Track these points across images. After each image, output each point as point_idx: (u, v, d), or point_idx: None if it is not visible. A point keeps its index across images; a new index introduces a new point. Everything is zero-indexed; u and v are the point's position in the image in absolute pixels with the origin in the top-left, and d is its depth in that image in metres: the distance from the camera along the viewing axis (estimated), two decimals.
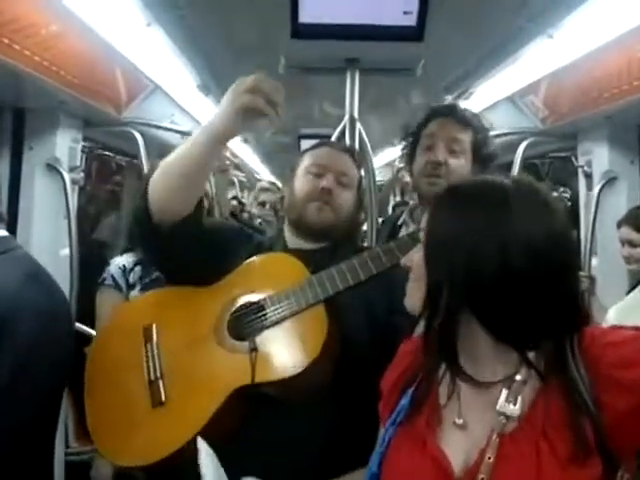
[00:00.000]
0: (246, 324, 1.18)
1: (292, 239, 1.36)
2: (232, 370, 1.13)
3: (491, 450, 0.75)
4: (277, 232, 1.43)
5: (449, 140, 1.55)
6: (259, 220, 3.58)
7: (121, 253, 1.93)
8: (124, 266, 1.84)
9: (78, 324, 1.90)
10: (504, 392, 0.78)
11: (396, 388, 0.92)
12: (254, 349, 1.13)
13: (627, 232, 2.09)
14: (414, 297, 0.84)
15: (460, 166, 1.54)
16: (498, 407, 0.77)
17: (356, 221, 1.42)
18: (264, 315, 1.17)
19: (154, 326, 1.24)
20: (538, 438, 0.73)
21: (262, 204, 3.90)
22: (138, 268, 1.85)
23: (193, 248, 1.22)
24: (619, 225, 2.14)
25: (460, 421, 0.80)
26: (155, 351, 1.21)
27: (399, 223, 1.82)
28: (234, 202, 4.75)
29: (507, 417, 0.76)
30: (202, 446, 0.93)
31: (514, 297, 0.75)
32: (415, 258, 0.85)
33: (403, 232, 1.74)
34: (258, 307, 1.19)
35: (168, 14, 1.63)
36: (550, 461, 0.72)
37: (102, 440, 1.18)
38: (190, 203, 1.21)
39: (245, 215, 4.64)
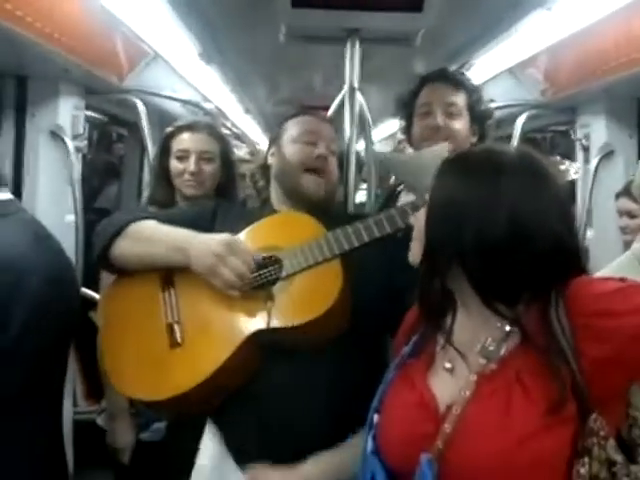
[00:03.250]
0: (264, 275, 1.22)
1: (281, 206, 1.38)
2: (248, 316, 1.17)
3: (467, 387, 0.82)
4: (262, 202, 1.44)
5: (444, 104, 1.57)
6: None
7: None
8: None
9: (83, 289, 1.95)
10: (489, 338, 0.84)
11: (406, 335, 0.99)
12: (270, 298, 1.17)
13: (626, 203, 2.11)
14: (415, 250, 0.91)
15: (459, 128, 1.56)
16: (478, 349, 0.84)
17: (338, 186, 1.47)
18: (280, 267, 1.21)
19: (172, 274, 1.26)
20: (512, 381, 0.79)
21: (242, 176, 3.78)
22: None
23: None
24: (617, 196, 2.16)
25: (449, 365, 0.87)
26: (173, 297, 1.24)
27: (398, 189, 1.84)
28: None
29: (487, 359, 0.83)
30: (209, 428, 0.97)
31: (507, 261, 0.80)
32: (419, 217, 0.91)
33: (402, 198, 1.76)
34: (275, 259, 1.23)
35: None
36: (521, 403, 0.77)
37: (117, 377, 1.22)
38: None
39: None
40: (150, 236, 1.26)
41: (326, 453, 1.13)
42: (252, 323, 1.16)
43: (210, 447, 1.07)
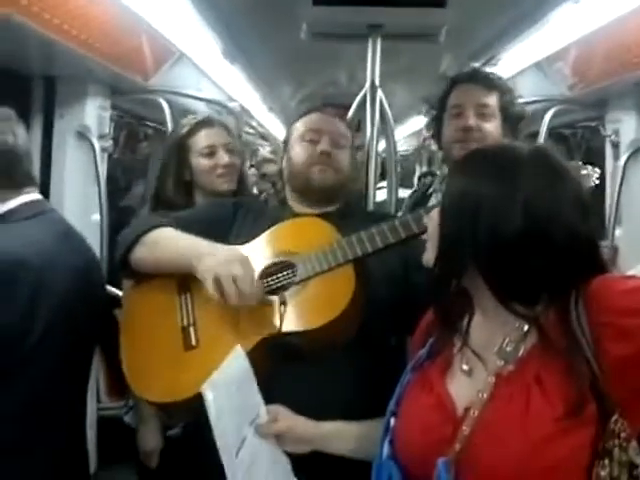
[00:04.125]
0: (277, 280, 1.24)
1: (298, 206, 1.41)
2: (262, 320, 1.18)
3: (485, 389, 0.81)
4: (280, 202, 1.47)
5: (477, 105, 1.55)
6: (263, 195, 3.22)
7: None
8: None
9: (108, 286, 1.98)
10: (506, 338, 0.83)
11: (423, 338, 0.98)
12: (283, 302, 1.18)
13: None
14: (429, 252, 0.90)
15: (491, 130, 1.55)
16: (495, 350, 0.83)
17: (353, 179, 1.47)
18: (294, 272, 1.22)
19: (188, 278, 1.28)
20: (530, 382, 0.78)
21: (264, 176, 3.53)
22: None
23: None
24: None
25: (466, 367, 0.86)
26: (189, 301, 1.27)
27: (429, 192, 1.83)
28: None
29: (504, 360, 0.82)
30: (208, 396, 0.97)
31: (522, 257, 0.79)
32: (433, 217, 0.90)
33: (433, 201, 1.76)
34: (288, 264, 1.24)
35: None
36: (539, 405, 0.76)
37: (134, 378, 1.24)
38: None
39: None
40: (165, 245, 1.29)
41: (351, 423, 1.12)
42: (265, 327, 1.18)
43: (235, 365, 1.06)
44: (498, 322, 0.85)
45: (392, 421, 0.92)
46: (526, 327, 0.82)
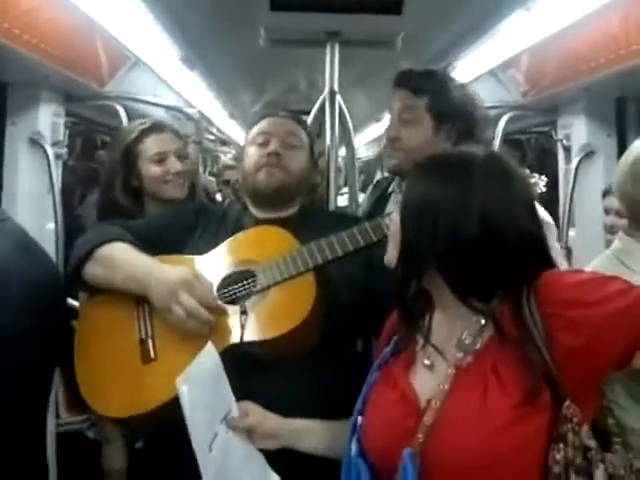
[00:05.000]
0: (237, 289, 1.23)
1: (257, 211, 1.41)
2: (222, 330, 1.17)
3: (446, 380, 0.84)
4: (242, 206, 1.47)
5: (399, 111, 1.52)
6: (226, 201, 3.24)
7: None
8: None
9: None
10: (465, 332, 0.87)
11: (388, 337, 1.01)
12: (244, 312, 1.17)
13: (615, 201, 2.07)
14: (390, 253, 0.92)
15: (414, 135, 1.51)
16: (454, 342, 0.86)
17: (313, 181, 1.47)
18: (254, 281, 1.21)
19: None
20: (488, 372, 0.81)
21: (226, 182, 3.62)
22: None
23: None
24: (605, 194, 2.14)
25: (428, 362, 0.89)
26: (147, 312, 1.25)
27: (389, 191, 1.84)
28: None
29: (463, 352, 0.85)
30: (183, 389, 0.96)
31: (480, 257, 0.82)
32: (394, 219, 0.92)
33: (392, 200, 1.77)
34: (249, 273, 1.23)
35: None
36: (496, 393, 0.79)
37: (91, 394, 1.21)
38: None
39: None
40: (116, 264, 1.26)
41: (321, 421, 1.13)
42: (226, 337, 1.16)
43: (207, 362, 1.05)
44: (457, 317, 0.88)
45: (359, 419, 0.94)
46: (483, 321, 0.86)
